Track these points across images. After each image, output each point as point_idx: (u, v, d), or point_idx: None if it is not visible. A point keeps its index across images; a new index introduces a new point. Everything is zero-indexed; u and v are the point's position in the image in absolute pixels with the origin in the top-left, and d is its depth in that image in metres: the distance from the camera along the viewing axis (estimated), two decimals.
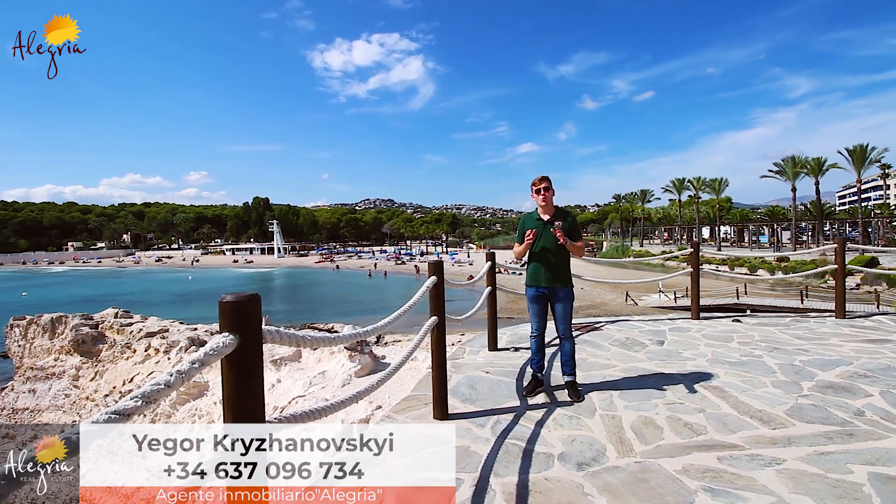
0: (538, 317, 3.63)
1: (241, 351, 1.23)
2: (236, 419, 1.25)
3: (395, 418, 3.22)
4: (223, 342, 1.19)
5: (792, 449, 2.67)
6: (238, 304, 1.24)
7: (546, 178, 3.62)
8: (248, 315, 1.25)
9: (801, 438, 2.80)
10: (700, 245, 6.93)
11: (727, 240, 71.17)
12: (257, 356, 1.27)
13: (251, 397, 1.26)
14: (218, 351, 1.17)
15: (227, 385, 1.25)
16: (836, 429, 2.92)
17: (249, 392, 1.26)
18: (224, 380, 1.26)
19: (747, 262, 41.34)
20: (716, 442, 2.77)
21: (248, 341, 1.25)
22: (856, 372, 4.00)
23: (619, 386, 3.79)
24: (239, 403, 1.25)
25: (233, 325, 1.23)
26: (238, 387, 1.25)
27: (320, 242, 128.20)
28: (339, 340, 1.73)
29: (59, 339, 12.09)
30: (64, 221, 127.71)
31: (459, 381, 3.96)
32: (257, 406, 1.28)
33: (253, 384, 1.27)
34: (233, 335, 1.22)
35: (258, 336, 1.28)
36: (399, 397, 5.59)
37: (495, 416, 3.23)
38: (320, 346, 1.61)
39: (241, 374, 1.25)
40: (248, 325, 1.25)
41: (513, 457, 2.64)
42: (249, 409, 1.26)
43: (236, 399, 1.25)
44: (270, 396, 6.89)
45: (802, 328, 5.78)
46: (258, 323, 1.28)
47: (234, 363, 1.24)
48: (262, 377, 1.29)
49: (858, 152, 45.56)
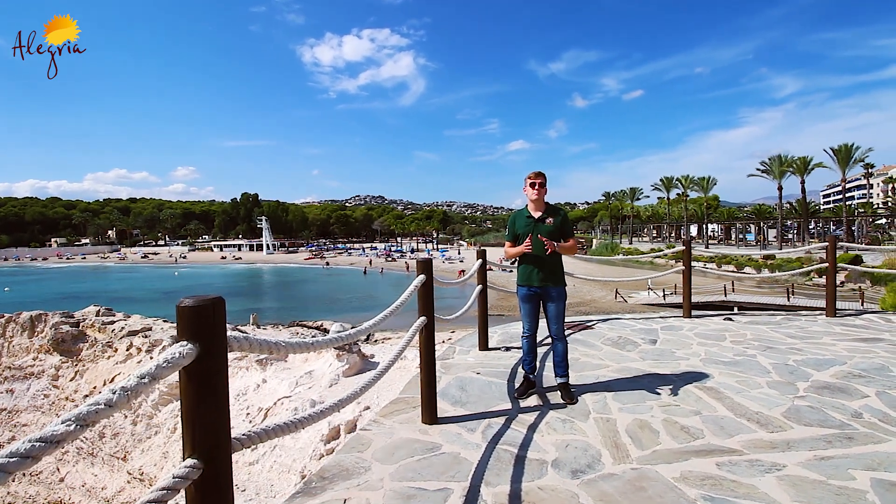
0: (530, 317, 3.52)
1: (202, 361, 1.09)
2: (197, 439, 1.11)
3: (382, 423, 3.09)
4: (180, 352, 1.05)
5: (791, 453, 2.59)
6: (198, 309, 1.09)
7: (541, 174, 3.50)
8: (210, 321, 1.10)
9: (799, 442, 2.72)
10: (690, 243, 6.87)
11: (714, 238, 71.95)
12: (221, 367, 1.13)
13: (214, 414, 1.12)
14: (174, 362, 1.02)
15: (186, 400, 1.11)
16: (835, 432, 2.85)
17: (212, 408, 1.12)
18: (182, 394, 1.12)
19: (734, 260, 41.79)
20: (714, 447, 2.68)
21: (211, 350, 1.10)
22: (850, 372, 3.96)
23: (612, 387, 3.70)
24: (200, 421, 1.11)
25: (192, 332, 1.09)
26: (199, 402, 1.11)
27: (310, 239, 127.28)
28: (318, 346, 1.59)
29: (38, 338, 11.76)
30: (47, 217, 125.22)
31: (449, 383, 3.83)
32: (221, 423, 1.14)
33: (215, 399, 1.13)
34: (192, 344, 1.08)
35: (222, 344, 1.14)
36: (387, 398, 5.46)
37: (486, 420, 3.11)
38: (297, 353, 1.47)
39: (203, 388, 1.11)
40: (210, 333, 1.10)
41: (505, 464, 2.53)
42: (212, 427, 1.12)
43: (197, 416, 1.11)
44: (256, 397, 6.71)
45: (794, 327, 5.75)
46: (222, 329, 1.14)
47: (193, 375, 1.10)
48: (226, 390, 1.15)
49: (844, 152, 46.20)
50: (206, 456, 1.11)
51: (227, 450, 1.16)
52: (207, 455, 1.11)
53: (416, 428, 2.99)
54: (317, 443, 5.05)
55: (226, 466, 1.14)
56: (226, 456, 1.14)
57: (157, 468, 7.02)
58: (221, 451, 1.13)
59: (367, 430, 2.97)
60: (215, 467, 1.12)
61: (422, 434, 2.90)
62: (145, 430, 7.72)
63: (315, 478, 2.41)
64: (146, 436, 7.66)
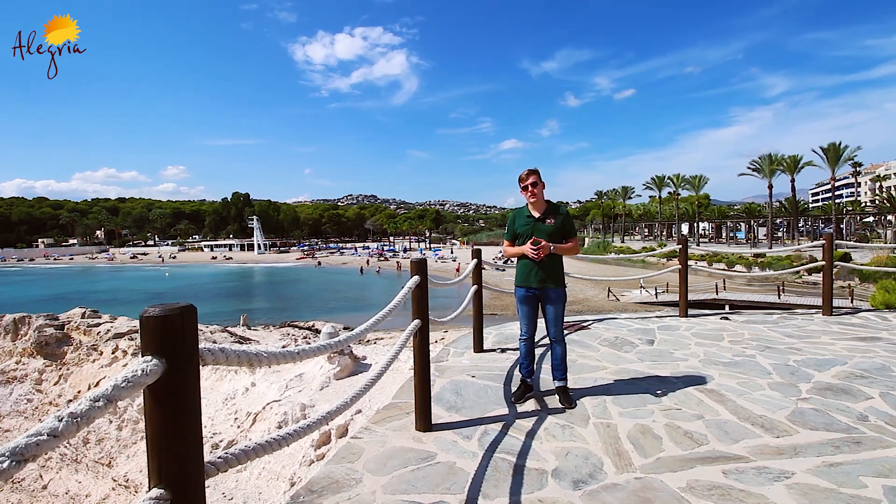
0: (528, 319, 3.40)
1: (170, 378, 0.97)
2: (164, 466, 0.98)
3: (374, 430, 2.96)
4: (143, 368, 0.92)
5: (799, 460, 2.50)
6: (165, 320, 0.96)
7: (534, 171, 3.37)
8: (179, 332, 0.98)
9: (807, 447, 2.64)
10: (687, 241, 6.81)
11: (705, 236, 72.51)
12: (191, 384, 1.01)
13: (184, 437, 0.99)
14: (135, 381, 0.90)
15: (151, 422, 0.98)
16: (842, 436, 2.77)
17: (181, 431, 0.99)
18: (147, 416, 0.99)
19: (725, 258, 42.10)
20: (719, 453, 2.59)
21: (179, 365, 0.98)
22: (852, 372, 3.90)
23: (611, 390, 3.60)
24: (168, 446, 0.98)
25: (158, 346, 0.96)
26: (166, 424, 0.98)
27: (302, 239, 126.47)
28: (303, 355, 1.46)
29: (21, 341, 11.47)
30: (34, 217, 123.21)
31: (444, 387, 3.72)
32: (192, 448, 1.01)
33: (185, 420, 1.00)
34: (158, 359, 0.95)
35: (193, 358, 1.01)
36: (380, 401, 5.33)
37: (483, 427, 3.00)
38: (279, 363, 1.35)
39: (170, 409, 0.98)
40: (178, 346, 0.98)
41: (503, 474, 2.41)
42: (182, 452, 0.99)
43: (164, 440, 0.98)
44: (244, 401, 6.55)
45: (792, 326, 5.70)
46: (193, 341, 1.01)
47: (159, 394, 0.97)
48: (197, 410, 1.03)
49: (832, 151, 46.70)
50: (175, 485, 0.98)
51: (200, 477, 1.03)
52: (176, 484, 0.98)
53: (410, 436, 2.87)
54: (307, 448, 4.91)
55: (197, 496, 1.01)
56: (197, 485, 1.02)
57: (143, 475, 6.83)
58: (192, 480, 1.01)
59: (359, 439, 2.84)
60: (186, 498, 0.99)
61: (416, 442, 2.78)
62: (131, 436, 7.52)
63: (303, 491, 2.28)
64: (132, 441, 7.46)
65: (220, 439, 5.68)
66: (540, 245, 3.21)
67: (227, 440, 5.62)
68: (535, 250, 3.22)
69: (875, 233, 51.66)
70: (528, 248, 3.25)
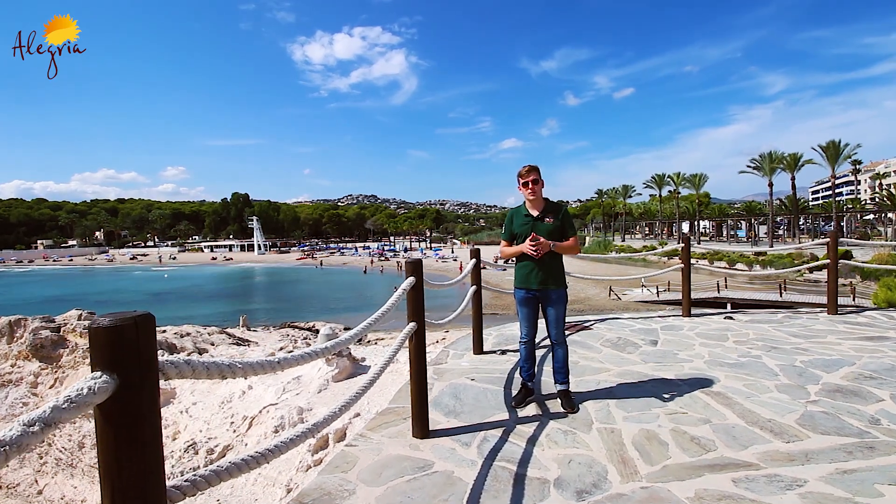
0: (528, 321, 3.29)
1: (123, 396, 0.86)
2: (118, 496, 0.87)
3: (369, 437, 2.85)
4: (90, 386, 0.81)
5: (811, 467, 2.39)
6: (116, 331, 0.85)
7: (534, 168, 3.26)
8: (132, 345, 0.87)
9: (818, 453, 2.53)
10: (690, 240, 6.70)
11: (706, 234, 72.36)
12: (149, 402, 0.90)
13: (140, 462, 0.88)
14: (79, 401, 0.79)
15: (103, 446, 0.87)
16: (855, 441, 2.66)
17: (137, 455, 0.88)
18: (98, 438, 0.88)
19: (726, 256, 41.97)
20: (728, 460, 2.48)
21: (133, 382, 0.87)
22: (861, 373, 3.79)
23: (615, 393, 3.49)
24: (122, 473, 0.87)
25: (108, 360, 0.85)
26: (120, 448, 0.87)
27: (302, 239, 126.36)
28: (284, 364, 1.35)
29: (16, 344, 11.37)
30: (33, 218, 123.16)
31: (442, 391, 3.61)
32: (151, 474, 0.90)
33: (142, 443, 0.89)
34: (108, 375, 0.84)
35: (150, 373, 0.90)
36: (378, 403, 5.22)
37: (482, 433, 2.89)
38: (257, 374, 1.24)
39: (125, 430, 0.87)
40: (131, 360, 0.87)
41: (503, 484, 2.31)
42: (138, 479, 0.88)
43: (117, 466, 0.87)
44: (241, 405, 6.44)
45: (797, 325, 5.59)
46: (150, 354, 0.90)
47: (111, 414, 0.86)
48: (157, 431, 0.92)
49: (832, 149, 46.51)
50: None
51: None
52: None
53: (407, 443, 2.76)
54: (304, 453, 4.80)
55: None
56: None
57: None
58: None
59: (353, 446, 2.73)
60: None
61: (412, 450, 2.67)
62: None
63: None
64: None
65: (216, 444, 5.58)
66: (539, 242, 3.10)
67: (223, 445, 5.52)
68: (535, 247, 3.11)
69: (875, 230, 51.53)
70: (527, 246, 3.14)
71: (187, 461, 5.35)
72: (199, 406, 6.91)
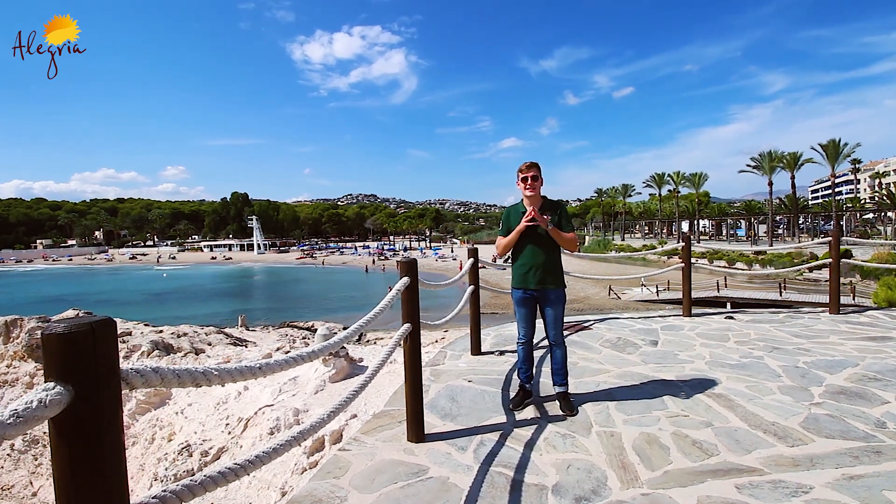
0: (526, 322, 3.22)
1: (78, 409, 0.79)
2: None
3: (363, 441, 2.78)
4: (42, 399, 0.74)
5: (817, 472, 2.33)
6: (69, 339, 0.78)
7: (535, 164, 3.19)
8: (89, 354, 0.80)
9: (824, 458, 2.46)
10: (690, 239, 6.64)
11: (705, 233, 72.31)
12: (108, 415, 0.83)
13: (97, 481, 0.81)
14: (28, 415, 0.72)
15: (58, 463, 0.80)
16: (861, 445, 2.59)
17: (95, 474, 0.81)
18: (53, 455, 0.81)
19: (726, 256, 41.90)
20: (731, 465, 2.41)
21: (90, 394, 0.80)
22: (865, 375, 3.72)
23: (614, 395, 3.42)
24: (78, 493, 0.80)
25: (61, 369, 0.78)
26: (75, 465, 0.80)
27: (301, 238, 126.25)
28: (268, 370, 1.28)
29: (12, 344, 11.31)
30: (32, 218, 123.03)
31: (439, 393, 3.54)
32: (113, 492, 0.83)
33: (101, 460, 0.82)
34: (62, 386, 0.77)
35: (109, 384, 0.83)
36: (375, 404, 5.15)
37: (479, 436, 2.82)
38: (235, 380, 1.17)
39: (81, 446, 0.80)
40: (88, 370, 0.80)
41: (499, 490, 2.24)
42: (97, 498, 0.81)
43: (73, 485, 0.80)
44: (237, 406, 6.37)
45: (798, 325, 5.53)
46: (109, 363, 0.83)
47: (66, 429, 0.79)
48: (119, 445, 0.85)
49: (832, 148, 46.46)
50: None
51: None
52: None
53: (401, 447, 2.69)
54: (299, 455, 4.73)
55: None
56: None
57: (134, 481, 6.65)
58: None
59: (347, 451, 2.67)
60: None
61: (407, 455, 2.60)
62: None
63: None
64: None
65: (210, 447, 5.50)
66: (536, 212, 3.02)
67: (217, 448, 5.44)
68: (529, 219, 3.04)
69: (875, 229, 51.48)
70: (524, 221, 3.06)
71: (181, 463, 5.28)
72: (194, 407, 6.84)
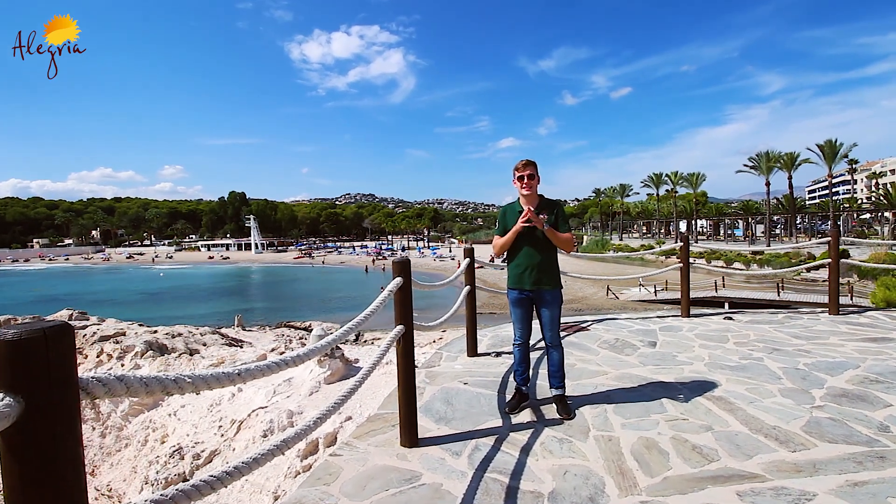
0: (522, 323, 3.16)
1: (30, 422, 0.72)
2: None
3: (355, 446, 2.72)
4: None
5: (820, 478, 2.27)
6: (20, 346, 0.72)
7: (531, 162, 3.13)
8: (41, 362, 0.73)
9: (827, 463, 2.40)
10: (689, 239, 6.59)
11: (703, 233, 72.37)
12: (64, 428, 0.76)
13: (54, 498, 0.75)
14: None
15: (9, 482, 0.73)
16: (864, 449, 2.54)
17: (50, 490, 0.74)
18: (3, 472, 0.74)
19: (724, 256, 41.92)
20: (732, 471, 2.35)
21: (43, 405, 0.73)
22: (866, 377, 3.67)
23: (612, 398, 3.36)
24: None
25: (11, 379, 0.72)
26: (26, 483, 0.73)
27: (299, 238, 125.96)
28: (247, 376, 1.22)
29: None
30: (29, 217, 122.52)
31: (434, 395, 3.48)
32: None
33: (54, 476, 0.75)
34: (11, 397, 0.71)
35: (66, 394, 0.76)
36: (370, 406, 5.08)
37: (474, 441, 2.76)
38: (211, 387, 1.10)
39: (32, 462, 0.73)
40: (41, 379, 0.73)
41: (494, 498, 2.17)
42: None
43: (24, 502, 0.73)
44: (230, 408, 6.29)
45: (798, 326, 5.48)
46: (66, 372, 0.76)
47: (16, 444, 0.73)
48: (77, 460, 0.78)
49: (829, 148, 46.50)
50: None
51: None
52: None
53: (394, 452, 2.62)
54: (293, 458, 4.66)
55: None
56: None
57: (126, 484, 6.58)
58: None
59: (338, 456, 2.60)
60: None
61: (400, 460, 2.53)
62: (114, 443, 7.25)
63: None
64: (115, 449, 7.19)
65: (203, 449, 5.43)
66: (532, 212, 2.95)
67: (210, 450, 5.37)
68: (525, 220, 2.97)
69: (872, 229, 51.58)
70: (520, 222, 3.00)
71: (172, 467, 5.20)
72: (187, 409, 6.76)
